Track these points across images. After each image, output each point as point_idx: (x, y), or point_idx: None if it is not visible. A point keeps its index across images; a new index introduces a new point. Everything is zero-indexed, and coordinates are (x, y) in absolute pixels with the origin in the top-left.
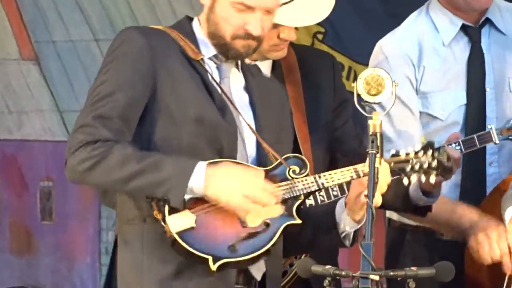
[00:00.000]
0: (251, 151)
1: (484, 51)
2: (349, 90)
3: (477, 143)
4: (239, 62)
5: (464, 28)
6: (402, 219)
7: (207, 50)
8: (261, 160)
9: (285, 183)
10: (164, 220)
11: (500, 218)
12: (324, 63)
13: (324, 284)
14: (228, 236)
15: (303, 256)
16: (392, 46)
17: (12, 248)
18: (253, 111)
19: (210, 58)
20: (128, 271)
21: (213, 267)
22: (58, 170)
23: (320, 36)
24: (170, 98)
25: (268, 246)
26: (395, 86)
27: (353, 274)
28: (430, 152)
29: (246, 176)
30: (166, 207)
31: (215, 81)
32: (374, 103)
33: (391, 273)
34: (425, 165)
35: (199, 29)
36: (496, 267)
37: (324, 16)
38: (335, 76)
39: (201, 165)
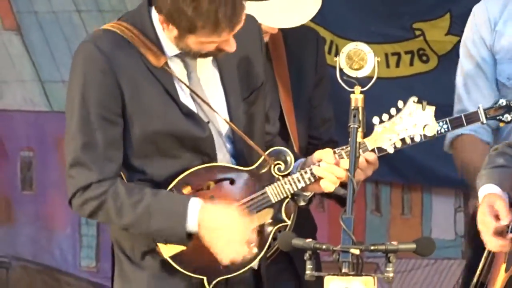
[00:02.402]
0: (231, 145)
1: None
2: (331, 64)
3: (464, 123)
4: None
5: None
6: None
7: (170, 49)
8: (240, 151)
9: (272, 186)
10: (155, 241)
11: None
12: (308, 38)
13: (305, 258)
14: None
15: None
16: (481, 6)
17: None
18: (224, 89)
19: (175, 55)
20: (124, 264)
21: None
22: (39, 140)
23: None
24: (138, 115)
25: (261, 255)
26: (378, 61)
27: (334, 248)
28: (413, 112)
29: (233, 231)
30: None
31: (182, 82)
32: (357, 77)
33: (372, 247)
34: (410, 129)
35: (161, 31)
36: None
37: (309, 17)
38: (318, 52)
39: (194, 209)
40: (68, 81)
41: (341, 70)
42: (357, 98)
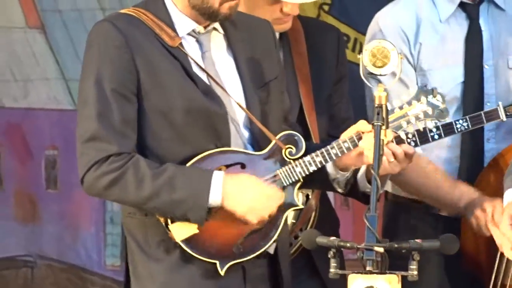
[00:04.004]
0: (245, 129)
1: (482, 28)
2: (355, 62)
3: (484, 120)
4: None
5: (462, 4)
6: (398, 192)
7: (184, 26)
8: (254, 136)
9: (283, 169)
10: (167, 225)
11: (496, 192)
12: (330, 36)
13: (329, 256)
14: (232, 236)
15: (308, 228)
16: (388, 20)
17: (17, 217)
18: (240, 74)
19: (188, 34)
20: (137, 260)
21: (221, 272)
22: (63, 138)
23: (326, 7)
24: (154, 92)
25: (273, 239)
26: (401, 58)
27: (358, 246)
28: (423, 99)
29: (261, 199)
30: None
31: (197, 64)
32: (380, 75)
33: (396, 245)
34: (421, 115)
35: (172, 5)
36: (493, 242)
37: None
38: (340, 50)
39: (218, 179)
40: (83, 60)
41: (364, 67)
42: (380, 96)
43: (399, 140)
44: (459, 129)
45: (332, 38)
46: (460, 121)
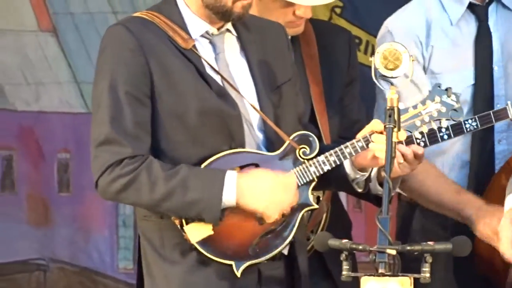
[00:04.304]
0: (259, 130)
1: (491, 30)
2: (366, 64)
3: (493, 119)
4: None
5: (471, 6)
6: None
7: (198, 28)
8: (268, 138)
9: (298, 169)
10: (182, 227)
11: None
12: (340, 39)
13: (341, 258)
14: (247, 237)
15: (319, 231)
16: (399, 24)
17: (29, 220)
18: (253, 76)
19: (201, 35)
20: (152, 262)
21: (238, 273)
22: (76, 142)
23: (338, 10)
24: (169, 94)
25: (288, 240)
26: (412, 60)
27: (370, 248)
28: (437, 98)
29: (278, 190)
30: None
31: (210, 66)
32: (392, 77)
33: (408, 248)
34: (435, 114)
35: (185, 7)
36: None
37: None
38: (351, 53)
39: (231, 178)
40: (97, 63)
41: (376, 70)
42: (392, 98)
43: (408, 141)
44: (468, 129)
45: (343, 40)
46: (469, 121)
